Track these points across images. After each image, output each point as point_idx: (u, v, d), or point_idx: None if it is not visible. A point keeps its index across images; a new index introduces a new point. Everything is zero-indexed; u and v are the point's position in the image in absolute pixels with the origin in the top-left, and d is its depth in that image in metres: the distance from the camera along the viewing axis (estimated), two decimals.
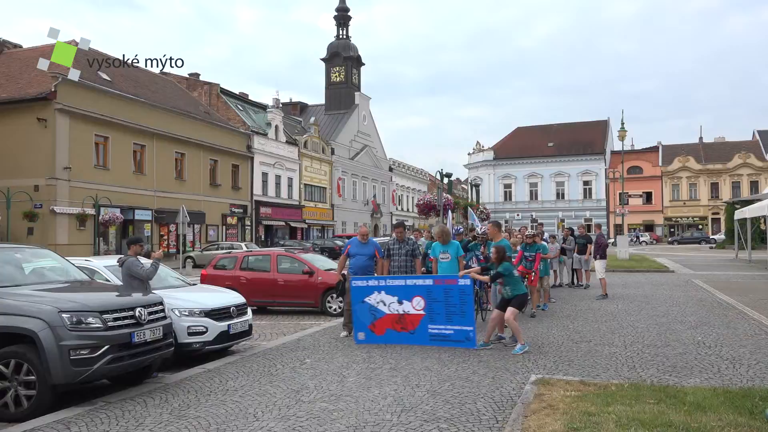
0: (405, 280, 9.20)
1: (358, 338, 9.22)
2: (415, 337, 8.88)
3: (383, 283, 9.25)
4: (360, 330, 9.24)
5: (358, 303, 9.27)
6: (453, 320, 8.69)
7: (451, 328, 8.71)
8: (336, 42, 65.15)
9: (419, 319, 8.90)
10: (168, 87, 41.49)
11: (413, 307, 8.94)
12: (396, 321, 9.01)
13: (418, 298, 8.92)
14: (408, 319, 8.96)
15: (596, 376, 6.89)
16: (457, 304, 8.67)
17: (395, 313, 9.03)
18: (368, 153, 64.92)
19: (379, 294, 9.14)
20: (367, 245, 10.02)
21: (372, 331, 9.14)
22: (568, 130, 74.46)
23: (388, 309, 9.07)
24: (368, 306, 9.17)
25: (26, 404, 5.82)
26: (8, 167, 28.31)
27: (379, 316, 9.10)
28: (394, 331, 9.01)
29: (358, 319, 9.27)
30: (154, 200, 34.97)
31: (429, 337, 8.80)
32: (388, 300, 9.08)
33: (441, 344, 8.64)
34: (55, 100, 28.46)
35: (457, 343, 8.60)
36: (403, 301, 8.99)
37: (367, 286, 9.29)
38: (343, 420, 5.44)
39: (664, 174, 69.18)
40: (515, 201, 73.68)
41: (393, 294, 9.07)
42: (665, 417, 5.01)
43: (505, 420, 5.34)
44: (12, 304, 6.00)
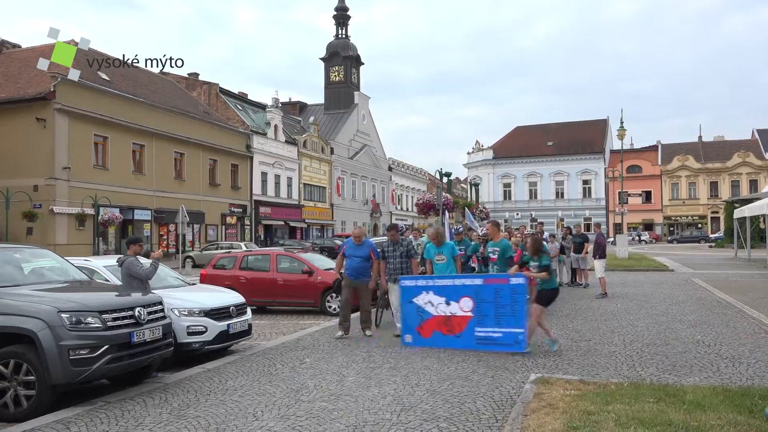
0: (454, 280, 8.80)
1: (405, 340, 8.83)
2: (461, 341, 8.41)
3: (432, 283, 8.87)
4: (407, 332, 8.85)
5: (406, 303, 8.92)
6: (502, 322, 8.20)
7: (499, 330, 8.21)
8: (335, 41, 65.14)
9: (466, 322, 8.43)
10: (167, 87, 41.48)
11: (461, 309, 8.49)
12: (443, 323, 8.59)
13: (466, 299, 8.48)
14: (455, 322, 8.51)
15: (596, 375, 6.89)
16: (508, 304, 8.19)
17: (442, 315, 8.61)
18: (368, 152, 64.91)
19: (428, 294, 8.74)
20: (362, 247, 9.87)
21: (419, 333, 8.73)
22: (567, 129, 74.49)
23: (436, 310, 8.65)
24: (416, 307, 8.79)
25: (26, 404, 5.81)
26: (7, 167, 28.30)
27: (426, 317, 8.70)
28: (441, 334, 8.58)
29: (406, 321, 8.91)
30: (154, 200, 34.96)
31: (475, 340, 8.31)
32: (436, 301, 8.67)
33: (488, 348, 8.17)
34: (54, 100, 28.45)
35: (505, 346, 8.12)
36: (451, 302, 8.57)
37: (415, 286, 8.92)
38: (343, 419, 5.44)
39: (663, 173, 69.22)
40: (515, 200, 73.71)
41: (441, 294, 8.65)
42: (665, 416, 5.01)
43: (505, 419, 5.34)
44: (11, 304, 5.99)
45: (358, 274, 9.77)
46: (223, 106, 46.14)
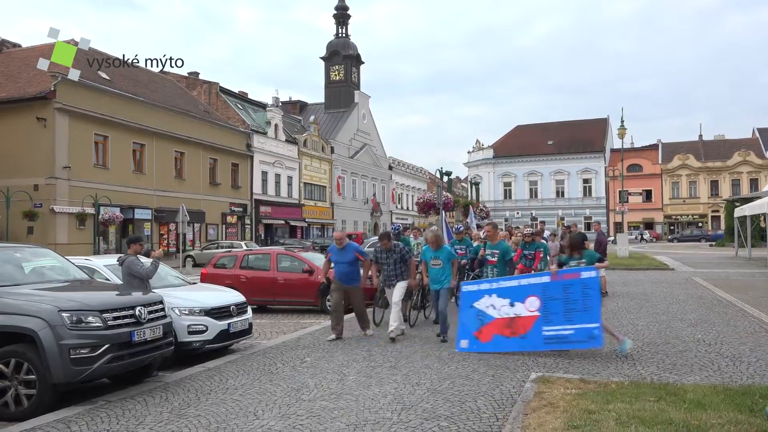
0: (519, 280, 8.52)
1: (461, 346, 8.36)
2: (527, 342, 8.02)
3: (495, 286, 8.52)
4: (463, 337, 8.43)
5: (466, 308, 8.57)
6: (573, 318, 7.80)
7: (570, 327, 7.80)
8: (335, 41, 65.11)
9: (532, 322, 8.03)
10: (167, 86, 41.47)
11: (526, 309, 8.11)
12: (506, 326, 8.18)
13: (532, 298, 8.10)
14: (519, 323, 8.10)
15: (596, 374, 6.89)
16: (579, 299, 7.81)
17: (505, 317, 8.21)
18: (368, 151, 64.90)
19: (490, 297, 8.39)
20: (345, 251, 9.59)
21: (477, 338, 8.32)
22: (567, 128, 74.48)
23: (498, 313, 8.27)
24: (476, 311, 8.43)
25: (26, 403, 5.82)
26: (8, 167, 28.30)
27: (486, 321, 8.33)
28: (503, 337, 8.16)
29: (463, 325, 8.51)
30: (154, 199, 34.97)
31: (543, 340, 7.92)
32: (499, 303, 8.30)
33: (558, 347, 7.87)
34: (55, 100, 28.45)
35: (578, 344, 7.78)
36: (516, 303, 8.19)
37: (478, 290, 8.60)
38: (344, 418, 5.45)
39: (664, 172, 69.18)
40: (515, 199, 73.71)
41: (505, 296, 8.30)
42: (665, 415, 5.01)
43: (506, 418, 5.34)
44: (12, 304, 6.00)
45: (347, 278, 9.61)
46: (223, 105, 46.14)
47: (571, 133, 72.84)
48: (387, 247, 9.70)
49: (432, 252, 9.43)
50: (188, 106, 40.12)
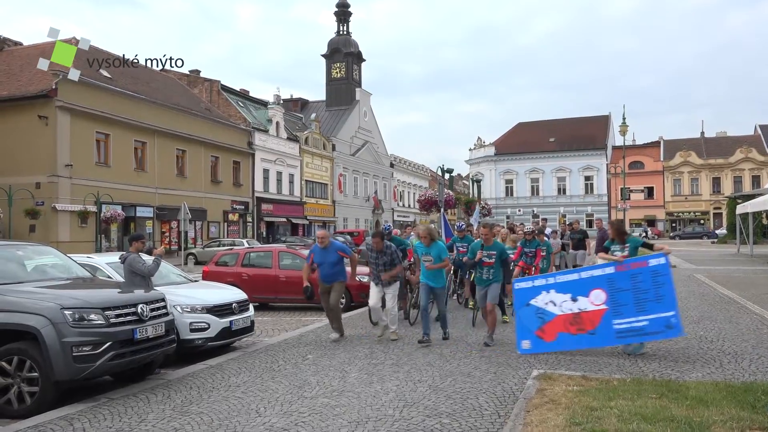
0: (579, 273, 8.04)
1: (523, 347, 7.93)
2: (596, 338, 7.61)
3: (552, 281, 8.04)
4: (524, 338, 7.96)
5: (522, 307, 8.09)
6: (646, 308, 7.41)
7: (644, 318, 7.41)
8: (336, 38, 65.03)
9: (600, 316, 7.59)
10: (168, 84, 41.47)
11: (591, 303, 7.67)
12: (570, 322, 7.73)
13: (597, 291, 7.66)
14: (585, 318, 7.67)
15: (598, 371, 6.89)
16: (650, 288, 7.44)
17: (569, 313, 7.76)
18: (369, 149, 64.87)
19: (548, 293, 7.91)
20: (329, 251, 9.26)
21: (540, 337, 7.87)
22: (569, 125, 74.36)
23: (560, 309, 7.81)
24: (534, 309, 7.95)
25: (29, 401, 5.83)
26: (10, 165, 28.33)
27: (548, 319, 7.84)
28: (569, 335, 7.72)
29: (523, 325, 8.02)
30: (156, 197, 34.98)
31: (615, 334, 7.52)
32: (559, 299, 7.83)
33: (633, 340, 7.50)
34: (56, 98, 28.44)
35: (655, 335, 7.45)
36: (578, 298, 7.74)
37: (532, 287, 8.13)
38: (345, 415, 5.45)
39: (665, 169, 69.08)
40: (516, 196, 73.65)
41: (565, 291, 7.84)
42: (667, 411, 5.02)
43: (507, 415, 5.35)
44: (14, 301, 6.01)
45: (332, 278, 9.31)
46: (224, 103, 46.11)
47: (573, 130, 72.74)
48: (379, 248, 9.20)
49: (424, 248, 9.02)
50: (189, 104, 40.10)
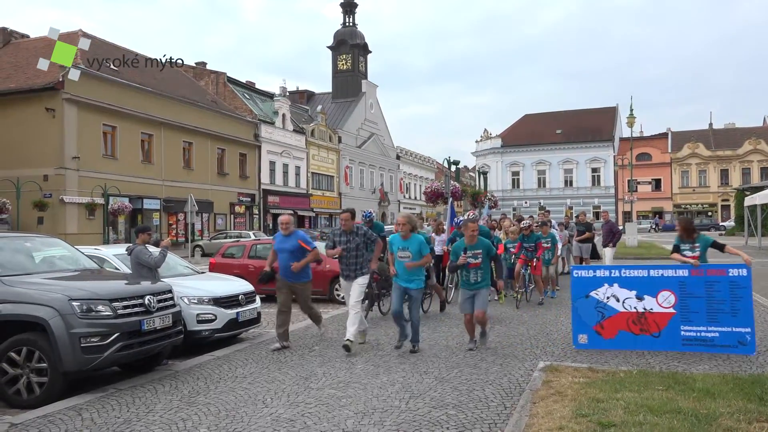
0: (648, 270, 7.64)
1: (579, 342, 7.65)
2: (660, 341, 7.36)
3: (616, 274, 7.65)
4: (581, 332, 7.66)
5: (580, 298, 7.72)
6: (719, 320, 7.17)
7: (715, 330, 7.17)
8: (342, 29, 64.82)
9: (667, 319, 7.35)
10: (175, 76, 41.46)
11: (659, 304, 7.39)
12: (633, 321, 7.46)
13: (666, 293, 7.37)
14: (651, 319, 7.40)
15: (605, 363, 6.88)
16: (726, 300, 7.15)
17: (632, 312, 7.48)
18: (375, 141, 64.77)
19: (611, 287, 7.57)
20: (290, 239, 8.13)
21: (598, 333, 7.58)
22: (576, 116, 73.98)
23: (622, 306, 7.51)
24: (594, 302, 7.61)
25: (38, 391, 5.88)
26: (18, 157, 28.46)
27: (609, 314, 7.54)
28: (631, 334, 7.46)
29: (580, 318, 7.69)
30: (163, 189, 35.08)
31: (681, 341, 7.29)
32: (623, 295, 7.52)
33: (700, 350, 7.21)
34: (63, 90, 28.52)
35: (724, 348, 7.12)
36: (645, 297, 7.45)
37: (594, 277, 7.74)
38: (352, 406, 5.47)
39: (673, 161, 68.69)
40: (523, 188, 73.44)
41: (630, 287, 7.51)
42: (674, 403, 5.01)
43: (513, 406, 5.35)
44: (23, 293, 6.05)
45: (291, 273, 8.05)
46: (230, 95, 46.11)
47: (580, 121, 72.36)
48: (348, 228, 8.01)
49: (401, 241, 7.67)
50: (196, 96, 40.12)
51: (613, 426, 4.52)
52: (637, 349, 7.42)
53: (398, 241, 7.69)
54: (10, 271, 6.46)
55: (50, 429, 5.01)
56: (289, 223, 8.24)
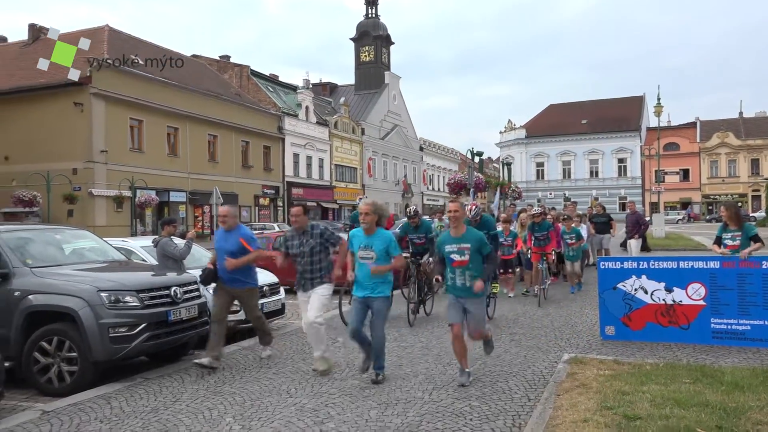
0: (677, 262, 7.51)
1: (606, 333, 7.64)
2: (689, 333, 7.26)
3: (645, 265, 7.58)
4: (608, 323, 7.64)
5: (608, 290, 7.66)
6: (751, 313, 7.04)
7: (746, 323, 7.07)
8: (365, 21, 64.68)
9: (697, 312, 7.25)
10: (200, 70, 41.82)
11: (688, 296, 7.30)
12: (661, 313, 7.40)
13: (696, 285, 7.26)
14: (680, 312, 7.32)
15: (630, 355, 6.80)
16: (759, 293, 7.03)
17: (660, 303, 7.41)
18: (399, 133, 64.64)
19: (639, 279, 7.50)
20: (231, 235, 6.84)
21: (626, 324, 7.54)
22: (602, 106, 72.94)
23: (651, 298, 7.45)
24: (622, 293, 7.56)
25: (69, 380, 6.01)
26: (48, 151, 29.03)
27: (636, 306, 7.49)
28: (659, 326, 7.39)
29: (607, 310, 7.66)
30: (188, 182, 35.48)
31: (711, 334, 7.19)
32: (651, 286, 7.45)
33: (730, 344, 7.09)
34: (91, 85, 28.94)
35: (755, 342, 7.01)
36: (674, 288, 7.35)
37: (621, 268, 7.67)
38: (375, 397, 5.49)
39: (702, 150, 67.36)
40: (548, 180, 72.76)
41: (659, 279, 7.42)
42: (702, 396, 4.94)
43: (537, 398, 5.33)
44: (54, 284, 6.18)
45: (230, 276, 6.76)
46: (254, 88, 46.37)
47: (606, 111, 71.33)
48: (300, 228, 6.55)
49: (364, 237, 6.05)
50: (220, 90, 40.42)
51: (639, 419, 4.47)
52: (665, 341, 7.33)
53: (360, 238, 6.07)
54: (41, 263, 6.61)
55: (80, 417, 5.12)
56: (228, 216, 6.90)
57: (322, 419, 4.96)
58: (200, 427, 4.86)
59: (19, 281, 6.22)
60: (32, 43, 34.43)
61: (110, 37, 33.02)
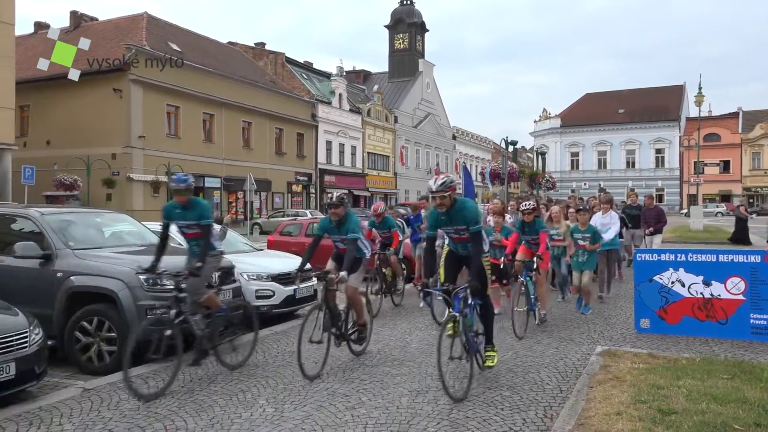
0: (717, 255, 7.38)
1: (641, 326, 7.55)
2: (727, 328, 7.14)
3: (683, 258, 7.43)
4: (644, 316, 7.56)
5: (643, 282, 7.55)
6: None
7: None
8: (400, 8, 64.31)
9: (735, 307, 7.12)
10: (235, 57, 42.17)
11: (727, 290, 7.16)
12: (699, 307, 7.28)
13: (735, 279, 7.14)
14: (718, 306, 7.20)
15: (665, 349, 6.70)
16: None
17: (698, 297, 7.28)
18: (431, 121, 64.31)
19: (676, 271, 7.39)
20: None
21: (662, 317, 7.44)
22: (640, 95, 71.41)
23: (688, 291, 7.34)
24: (658, 286, 7.47)
25: (108, 359, 6.18)
26: (88, 136, 29.70)
27: (673, 299, 7.39)
28: (696, 320, 7.28)
29: (642, 302, 7.56)
30: (223, 168, 35.93)
31: (751, 329, 7.04)
32: (689, 279, 7.33)
33: None
34: (130, 71, 29.45)
35: None
36: (712, 282, 7.23)
37: (658, 260, 7.55)
38: (406, 384, 5.52)
39: (744, 141, 65.50)
40: (582, 170, 71.74)
41: (696, 272, 7.30)
42: (739, 393, 4.84)
43: (570, 390, 5.29)
44: (94, 266, 6.35)
45: None
46: (288, 75, 46.58)
47: (644, 100, 69.82)
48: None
49: None
50: (255, 77, 40.73)
51: (674, 413, 4.41)
52: (701, 336, 7.21)
53: None
54: (82, 245, 6.79)
55: (119, 395, 5.26)
56: None
57: (353, 404, 5.01)
58: (234, 408, 4.96)
59: (61, 263, 6.41)
60: (73, 30, 35.12)
61: (149, 24, 33.52)
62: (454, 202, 5.50)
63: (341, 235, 6.45)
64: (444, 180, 5.48)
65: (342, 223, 6.41)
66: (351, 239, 6.31)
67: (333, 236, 6.56)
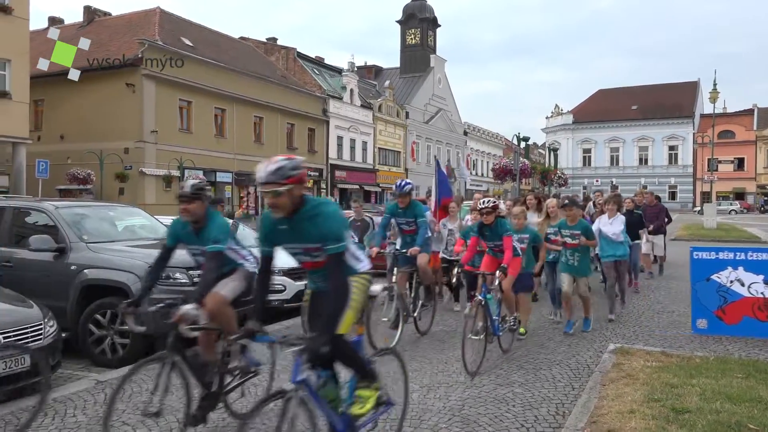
0: None
1: (698, 327, 7.34)
2: None
3: (742, 257, 7.20)
4: (701, 316, 7.34)
5: (700, 281, 7.35)
6: None
7: None
8: (412, 3, 64.10)
9: None
10: (247, 52, 42.27)
11: None
12: (759, 307, 7.06)
13: None
14: None
15: (679, 347, 6.65)
16: None
17: (759, 297, 7.06)
18: (443, 117, 64.15)
19: (735, 270, 7.17)
20: None
21: (719, 318, 7.23)
22: (653, 92, 70.78)
23: (748, 291, 7.11)
24: (716, 285, 7.24)
25: (121, 351, 6.23)
26: (101, 130, 29.89)
27: (732, 299, 7.16)
28: (756, 321, 7.05)
29: (699, 302, 7.36)
30: (234, 163, 36.05)
31: None
32: (749, 279, 7.09)
33: None
34: (142, 66, 29.60)
35: None
36: None
37: (716, 259, 7.32)
38: (417, 380, 5.52)
39: (759, 138, 64.76)
40: (594, 166, 71.28)
41: (757, 271, 7.08)
42: (754, 392, 4.79)
43: (582, 387, 5.26)
44: (107, 259, 6.40)
45: None
46: (300, 70, 46.62)
47: (658, 97, 69.20)
48: None
49: None
50: (266, 72, 40.80)
51: (688, 412, 4.37)
52: (762, 337, 6.96)
53: None
54: (95, 238, 6.84)
55: (132, 387, 5.30)
56: None
57: None
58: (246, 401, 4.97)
59: (75, 256, 6.47)
60: (87, 25, 35.35)
61: (161, 19, 33.65)
62: (302, 202, 3.37)
63: (200, 245, 4.49)
64: (280, 165, 3.36)
65: (201, 228, 4.51)
66: (211, 252, 4.41)
67: (191, 247, 4.69)
